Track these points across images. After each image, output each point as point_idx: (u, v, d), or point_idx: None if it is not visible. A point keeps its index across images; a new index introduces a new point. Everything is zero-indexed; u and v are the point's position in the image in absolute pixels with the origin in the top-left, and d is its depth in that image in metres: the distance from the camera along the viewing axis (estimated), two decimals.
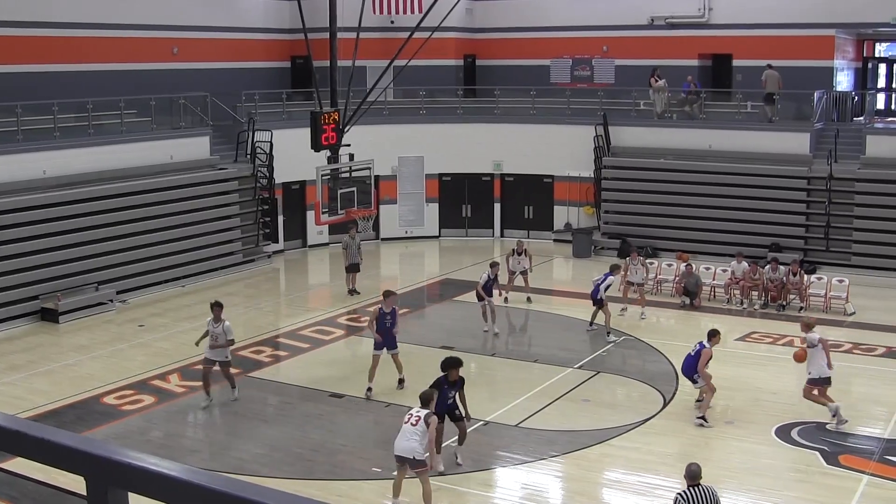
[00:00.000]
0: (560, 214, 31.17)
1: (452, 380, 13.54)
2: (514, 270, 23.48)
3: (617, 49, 33.37)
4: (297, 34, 29.14)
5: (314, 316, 22.73)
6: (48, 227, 22.47)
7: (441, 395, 13.21)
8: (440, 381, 13.49)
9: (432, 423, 12.11)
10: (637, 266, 22.63)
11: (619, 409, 16.34)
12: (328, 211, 22.62)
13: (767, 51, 30.46)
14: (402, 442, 12.06)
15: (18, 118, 23.31)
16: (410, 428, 12.02)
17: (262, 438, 14.97)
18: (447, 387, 13.47)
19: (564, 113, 31.28)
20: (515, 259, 23.52)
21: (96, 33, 27.62)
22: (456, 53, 35.06)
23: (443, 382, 13.46)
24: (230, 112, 29.19)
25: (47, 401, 16.64)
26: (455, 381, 13.57)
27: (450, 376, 13.51)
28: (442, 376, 13.56)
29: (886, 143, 27.12)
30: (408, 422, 12.10)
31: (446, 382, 13.48)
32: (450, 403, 13.55)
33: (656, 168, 28.90)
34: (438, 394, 13.08)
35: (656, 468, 13.81)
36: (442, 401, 13.24)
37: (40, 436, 2.23)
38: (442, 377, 13.55)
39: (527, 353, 19.92)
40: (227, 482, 2.02)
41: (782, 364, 18.80)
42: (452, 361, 13.68)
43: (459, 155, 31.55)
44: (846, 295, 22.53)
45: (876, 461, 13.89)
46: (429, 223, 32.21)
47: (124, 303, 23.32)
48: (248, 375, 18.18)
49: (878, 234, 25.83)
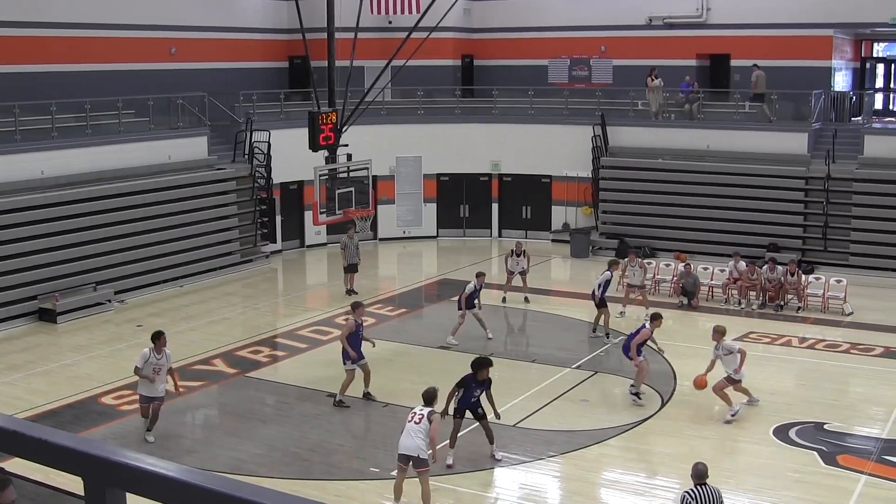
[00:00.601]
0: (558, 214, 31.18)
1: (481, 379, 13.80)
2: (512, 270, 23.47)
3: (615, 49, 33.38)
4: (295, 34, 29.14)
5: (312, 316, 22.74)
6: (46, 227, 22.45)
7: (467, 392, 13.65)
8: (468, 378, 13.76)
9: (435, 420, 12.20)
10: (635, 268, 22.63)
11: (616, 410, 16.35)
12: (326, 211, 22.63)
13: (765, 51, 30.50)
14: (406, 440, 12.14)
15: (16, 118, 23.29)
16: (414, 426, 12.11)
17: (260, 438, 14.97)
18: (474, 385, 13.77)
19: (562, 113, 31.29)
20: (514, 259, 23.49)
21: (94, 33, 27.61)
22: (454, 53, 35.07)
23: (470, 381, 13.75)
24: (228, 112, 29.18)
25: (45, 401, 16.63)
26: (483, 380, 13.83)
27: (479, 375, 13.76)
28: (470, 374, 13.80)
29: (884, 143, 27.15)
30: (411, 420, 12.20)
31: (474, 381, 13.76)
32: (473, 401, 13.86)
33: (654, 168, 28.91)
34: (465, 390, 13.57)
35: (654, 468, 13.83)
36: (467, 398, 13.68)
37: (38, 436, 2.23)
38: (470, 375, 13.79)
39: (525, 354, 19.93)
40: (225, 482, 2.02)
41: (780, 364, 18.85)
42: (484, 362, 13.93)
43: (457, 155, 31.56)
44: (844, 295, 22.55)
45: (874, 461, 13.90)
46: (427, 223, 32.21)
47: (122, 303, 23.31)
48: (246, 375, 18.18)
49: (875, 234, 25.85)
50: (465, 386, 13.64)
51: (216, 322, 22.09)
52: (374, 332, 20.47)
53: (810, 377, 18.40)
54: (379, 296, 24.53)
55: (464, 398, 13.59)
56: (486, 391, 13.90)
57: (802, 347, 19.88)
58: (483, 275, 20.62)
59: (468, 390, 13.67)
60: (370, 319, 22.09)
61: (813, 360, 19.23)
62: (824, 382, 17.90)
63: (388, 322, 22.07)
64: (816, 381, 18.08)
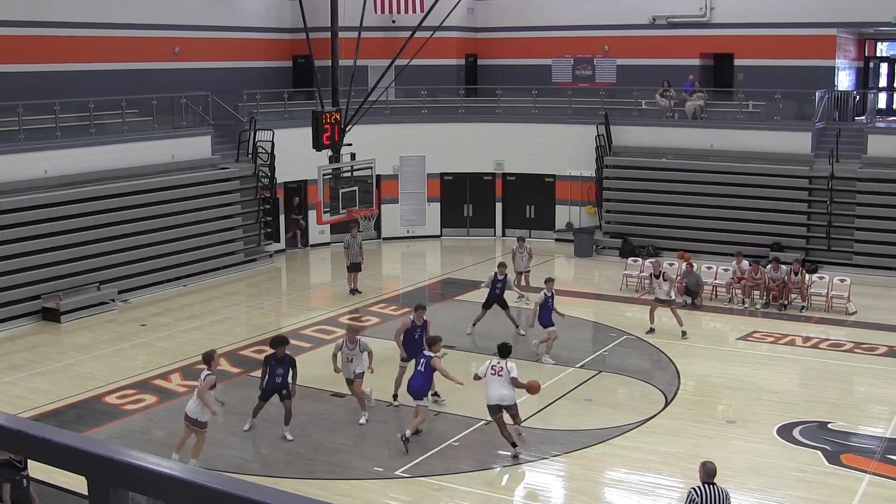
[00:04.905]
0: (561, 214, 31.17)
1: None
2: (519, 270, 23.48)
3: (618, 48, 33.37)
4: (299, 34, 29.13)
5: (316, 315, 22.74)
6: (50, 226, 22.47)
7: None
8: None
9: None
10: (660, 281, 20.89)
11: (620, 409, 16.34)
12: (330, 210, 22.64)
13: (769, 50, 30.51)
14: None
15: (20, 118, 23.31)
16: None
17: (264, 438, 14.97)
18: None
19: (566, 112, 31.27)
20: (519, 256, 23.49)
21: (97, 33, 27.63)
22: (457, 53, 35.06)
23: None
24: (232, 112, 29.19)
25: (49, 400, 16.65)
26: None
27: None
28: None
29: (888, 142, 27.12)
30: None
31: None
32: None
33: (658, 167, 28.90)
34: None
35: (658, 468, 13.81)
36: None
37: (42, 435, 2.23)
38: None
39: (528, 353, 19.90)
40: (229, 482, 2.02)
41: (784, 363, 18.83)
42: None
43: (461, 154, 31.55)
44: (848, 294, 22.51)
45: (878, 461, 13.89)
46: (430, 223, 32.21)
47: (126, 302, 23.33)
48: (250, 375, 18.17)
49: (879, 233, 25.82)
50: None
51: (220, 321, 22.10)
52: (377, 332, 20.52)
53: (814, 376, 18.38)
54: (382, 295, 24.53)
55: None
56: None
57: (806, 347, 19.85)
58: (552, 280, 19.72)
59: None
60: (374, 319, 22.15)
61: (817, 360, 19.21)
62: (828, 382, 17.89)
63: (392, 321, 22.04)
64: (820, 380, 18.06)
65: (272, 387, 14.79)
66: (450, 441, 14.45)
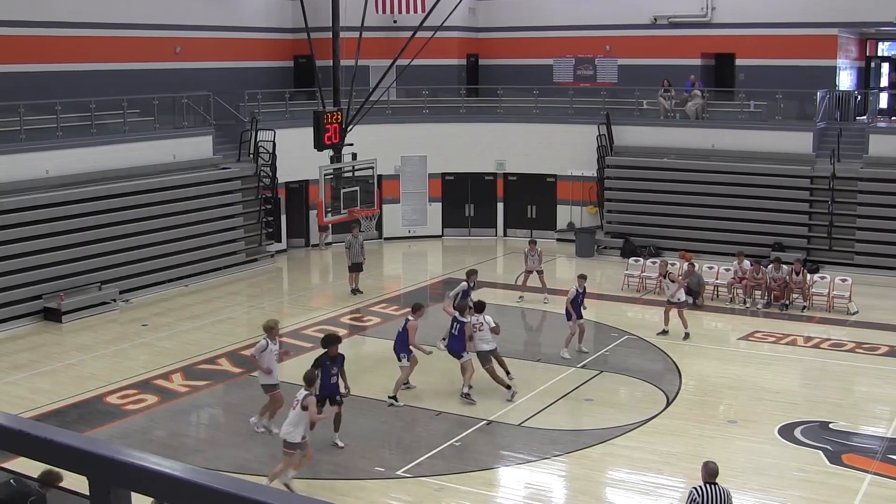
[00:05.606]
0: (563, 214, 31.16)
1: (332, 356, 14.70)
2: (530, 270, 23.46)
3: (620, 48, 33.36)
4: (300, 34, 29.13)
5: (317, 315, 22.74)
6: (51, 226, 22.48)
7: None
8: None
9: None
10: (667, 282, 20.98)
11: (622, 409, 16.34)
12: (331, 210, 22.64)
13: (770, 50, 30.49)
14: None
15: (21, 118, 23.32)
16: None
17: (265, 438, 14.96)
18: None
19: (567, 112, 31.27)
20: (532, 258, 23.48)
21: (99, 33, 27.64)
22: (459, 53, 35.06)
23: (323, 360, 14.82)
24: (233, 111, 29.19)
25: (50, 400, 16.65)
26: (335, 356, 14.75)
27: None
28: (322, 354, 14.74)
29: (889, 142, 27.10)
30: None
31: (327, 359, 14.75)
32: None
33: (659, 167, 28.88)
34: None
35: (659, 468, 13.81)
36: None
37: (43, 435, 2.24)
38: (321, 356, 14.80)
39: (530, 353, 19.91)
40: (230, 482, 2.02)
41: (785, 363, 18.82)
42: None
43: (462, 154, 31.55)
44: (849, 294, 22.50)
45: (879, 460, 13.88)
46: (432, 222, 32.20)
47: (127, 302, 23.33)
48: (252, 375, 18.15)
49: (881, 233, 25.80)
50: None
51: (221, 321, 22.10)
52: (379, 332, 20.55)
53: (815, 376, 18.38)
54: (384, 295, 24.53)
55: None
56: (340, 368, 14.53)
57: (807, 347, 19.84)
58: (474, 272, 20.60)
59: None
60: (375, 319, 22.14)
61: (818, 360, 19.20)
62: (829, 382, 17.88)
63: (393, 321, 22.02)
64: (821, 380, 18.06)
65: (328, 391, 14.23)
66: (451, 441, 14.44)
